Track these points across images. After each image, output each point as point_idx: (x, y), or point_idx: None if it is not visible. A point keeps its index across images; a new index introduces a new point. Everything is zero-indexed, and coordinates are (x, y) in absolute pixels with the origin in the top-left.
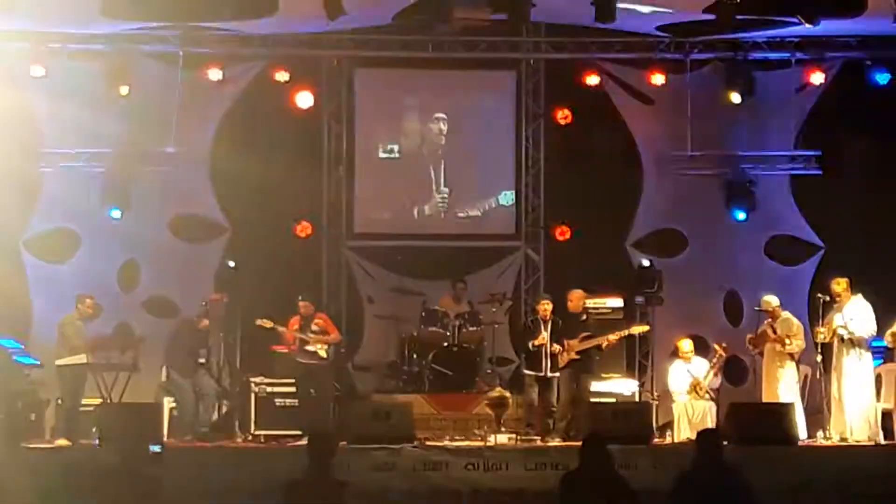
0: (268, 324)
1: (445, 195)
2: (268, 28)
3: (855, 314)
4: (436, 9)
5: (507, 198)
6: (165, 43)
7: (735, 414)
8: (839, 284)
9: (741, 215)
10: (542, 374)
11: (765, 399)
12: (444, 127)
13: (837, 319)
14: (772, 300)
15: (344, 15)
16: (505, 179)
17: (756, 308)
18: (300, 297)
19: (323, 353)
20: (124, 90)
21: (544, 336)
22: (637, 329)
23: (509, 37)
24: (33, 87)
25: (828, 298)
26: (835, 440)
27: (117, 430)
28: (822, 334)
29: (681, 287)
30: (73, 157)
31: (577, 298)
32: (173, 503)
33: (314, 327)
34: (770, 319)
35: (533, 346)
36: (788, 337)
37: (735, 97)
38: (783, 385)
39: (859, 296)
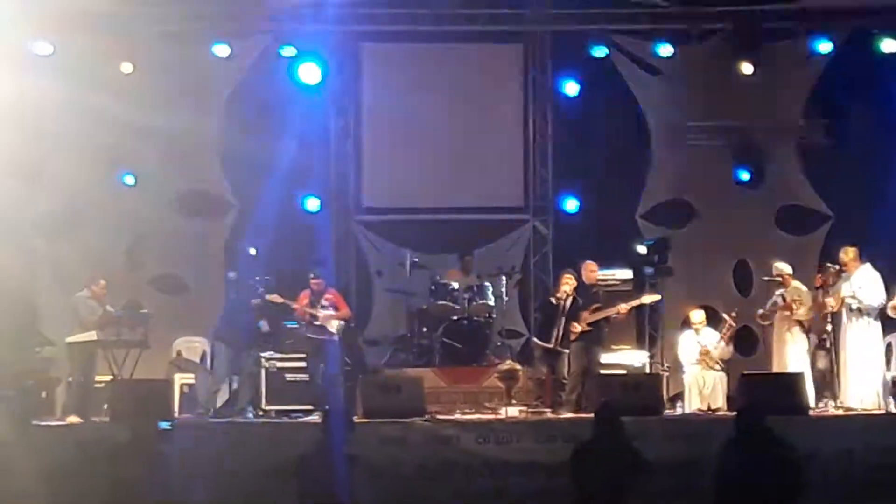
0: (278, 299)
1: (451, 169)
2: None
3: (863, 283)
4: None
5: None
6: (171, 21)
7: (746, 384)
8: (847, 254)
9: (750, 185)
10: (552, 345)
11: (775, 369)
12: (452, 95)
13: (846, 289)
14: (784, 267)
15: None
16: (512, 152)
17: (764, 278)
18: (312, 274)
19: (333, 330)
20: (127, 68)
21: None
22: (648, 298)
23: (516, 9)
24: (38, 67)
25: (837, 267)
26: (845, 410)
27: (128, 406)
28: (831, 304)
29: (690, 258)
30: (78, 134)
31: (590, 270)
32: (184, 479)
33: (324, 303)
34: (783, 288)
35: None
36: (795, 301)
37: (746, 67)
38: (792, 355)
39: (868, 265)
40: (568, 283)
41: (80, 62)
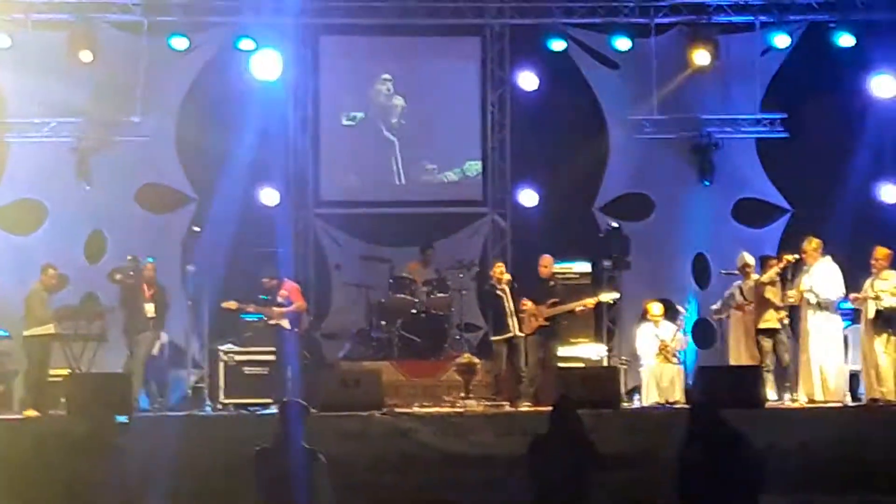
0: (233, 305)
1: (410, 162)
2: None
3: (822, 276)
4: None
5: (471, 168)
6: (130, 12)
7: (703, 377)
8: (811, 243)
9: (707, 178)
10: (512, 333)
11: (731, 362)
12: (391, 87)
13: (805, 282)
14: (748, 258)
15: None
16: (470, 145)
17: (722, 271)
18: (262, 277)
19: (286, 325)
20: (86, 56)
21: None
22: (606, 297)
23: (474, 2)
24: None
25: (796, 257)
26: (803, 402)
27: (86, 400)
28: (791, 296)
29: (648, 251)
30: (39, 126)
31: (548, 264)
32: (142, 473)
33: (279, 299)
34: (741, 280)
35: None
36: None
37: (701, 57)
38: (750, 348)
39: (828, 258)
40: (503, 271)
41: (39, 54)
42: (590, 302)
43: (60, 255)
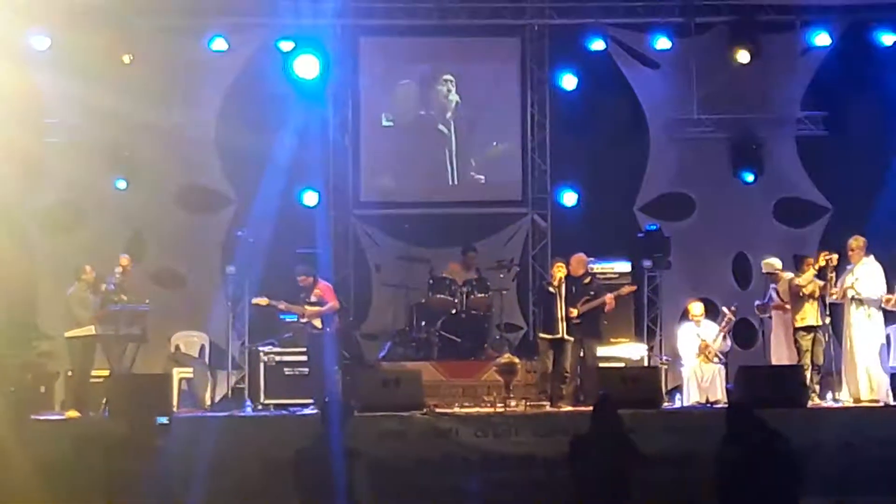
0: (263, 301)
1: (453, 161)
2: None
3: (864, 275)
4: None
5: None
6: (169, 14)
7: (744, 377)
8: (857, 241)
9: (749, 178)
10: (559, 335)
11: (773, 361)
12: (452, 88)
13: (848, 280)
14: (775, 262)
15: None
16: (510, 145)
17: (757, 307)
18: (297, 273)
19: (317, 324)
20: (127, 58)
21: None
22: (626, 290)
23: (513, 3)
24: (36, 59)
25: (836, 256)
26: (845, 402)
27: (126, 401)
28: (834, 294)
29: (689, 251)
30: (77, 128)
31: (578, 263)
32: (183, 473)
33: (313, 298)
34: (775, 283)
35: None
36: (795, 285)
37: (742, 56)
38: (791, 347)
39: (871, 257)
40: (560, 270)
41: (78, 56)
42: (612, 295)
43: (100, 256)
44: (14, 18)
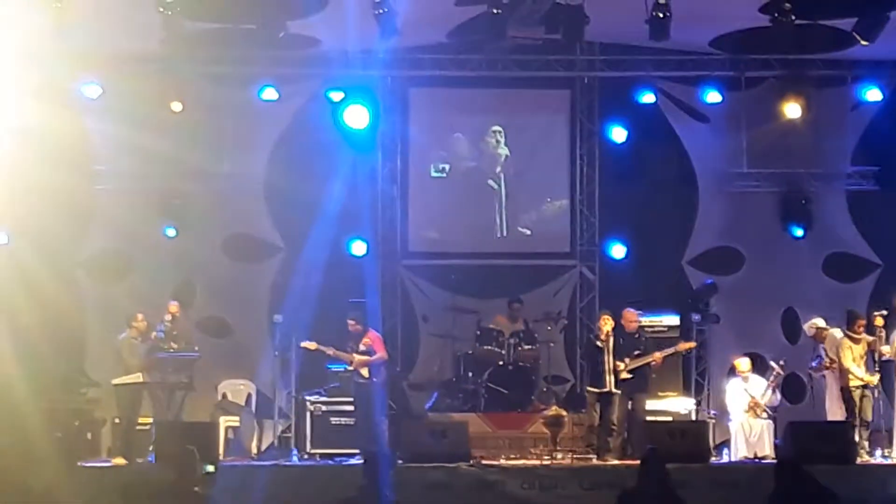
0: (312, 346)
1: (502, 213)
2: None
3: None
4: (490, 27)
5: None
6: (220, 63)
7: (793, 432)
8: None
9: (798, 232)
10: (607, 389)
11: (828, 418)
12: (501, 139)
13: None
14: (818, 321)
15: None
16: (559, 197)
17: (811, 369)
18: (349, 318)
19: (364, 373)
20: (177, 107)
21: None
22: (683, 346)
23: (563, 55)
24: (87, 107)
25: (885, 313)
26: (894, 458)
27: (173, 448)
28: (886, 353)
29: (738, 305)
30: (127, 175)
31: (629, 318)
32: None
33: (361, 347)
34: (821, 342)
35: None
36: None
37: (791, 110)
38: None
39: None
40: (607, 324)
41: (128, 103)
42: (667, 352)
43: (148, 304)
44: (66, 67)
